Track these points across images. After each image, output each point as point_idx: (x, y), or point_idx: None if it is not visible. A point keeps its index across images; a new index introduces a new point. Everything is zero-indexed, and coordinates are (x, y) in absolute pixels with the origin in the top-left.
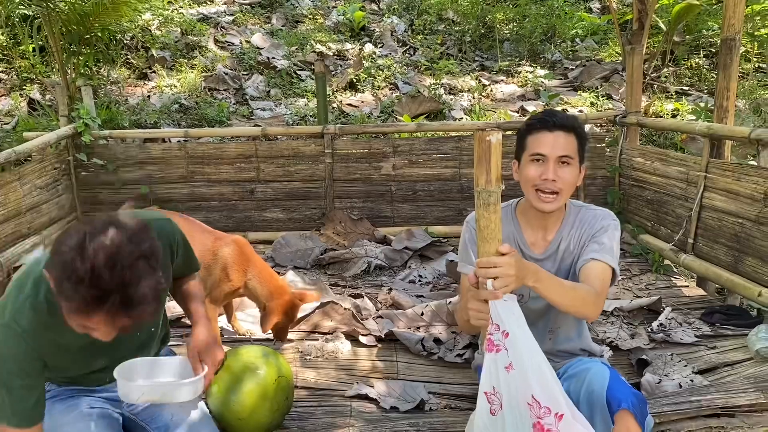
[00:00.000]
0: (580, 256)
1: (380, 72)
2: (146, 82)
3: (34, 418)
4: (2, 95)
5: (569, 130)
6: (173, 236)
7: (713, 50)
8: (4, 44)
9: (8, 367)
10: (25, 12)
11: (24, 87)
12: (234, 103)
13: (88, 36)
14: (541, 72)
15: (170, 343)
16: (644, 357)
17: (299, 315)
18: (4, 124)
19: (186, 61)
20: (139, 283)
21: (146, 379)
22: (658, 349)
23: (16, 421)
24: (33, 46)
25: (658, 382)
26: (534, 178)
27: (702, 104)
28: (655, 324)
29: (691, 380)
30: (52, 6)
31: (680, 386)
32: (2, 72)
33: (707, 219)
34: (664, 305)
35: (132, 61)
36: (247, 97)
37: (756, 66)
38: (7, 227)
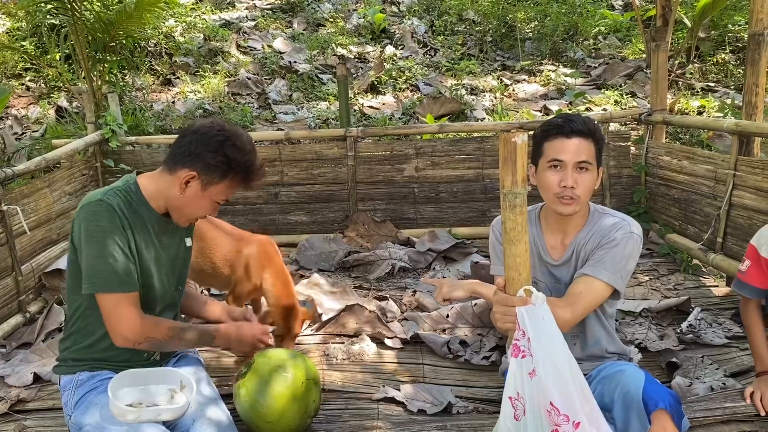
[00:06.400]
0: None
1: (401, 74)
2: (170, 88)
3: (136, 285)
4: (31, 103)
5: (587, 136)
6: None
7: (740, 45)
8: (33, 53)
9: (111, 238)
10: (53, 21)
11: (52, 95)
12: (257, 108)
13: (112, 43)
14: (563, 70)
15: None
16: (674, 360)
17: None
18: (33, 131)
19: (209, 66)
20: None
21: (137, 388)
22: (688, 350)
23: (126, 287)
24: (60, 54)
25: (689, 385)
26: (553, 185)
27: (728, 101)
28: (684, 325)
29: (723, 383)
30: (78, 15)
31: (712, 389)
32: (31, 80)
33: (737, 217)
34: (693, 305)
35: (156, 67)
36: (270, 101)
37: None
38: (38, 233)
